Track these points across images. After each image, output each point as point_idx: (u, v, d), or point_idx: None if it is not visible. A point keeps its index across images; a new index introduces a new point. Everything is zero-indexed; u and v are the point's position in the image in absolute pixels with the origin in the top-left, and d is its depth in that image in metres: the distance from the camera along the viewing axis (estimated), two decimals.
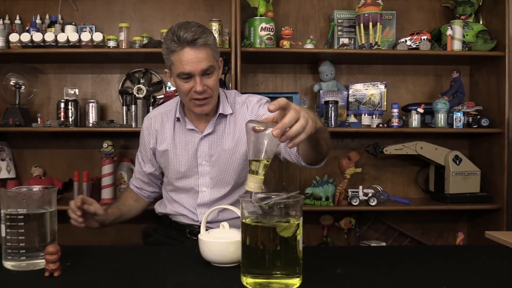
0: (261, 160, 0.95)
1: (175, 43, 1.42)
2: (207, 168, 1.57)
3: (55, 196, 1.07)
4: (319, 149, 1.26)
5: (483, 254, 1.24)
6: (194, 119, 1.59)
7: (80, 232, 2.65)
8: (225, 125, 1.58)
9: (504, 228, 2.40)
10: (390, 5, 2.60)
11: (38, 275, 0.96)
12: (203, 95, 1.46)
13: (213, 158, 1.56)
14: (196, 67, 1.42)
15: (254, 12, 2.45)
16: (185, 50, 1.42)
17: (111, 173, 2.43)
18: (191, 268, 1.05)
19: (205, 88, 1.45)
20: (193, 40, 1.41)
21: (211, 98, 1.49)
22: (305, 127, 0.94)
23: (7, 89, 2.49)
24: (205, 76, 1.45)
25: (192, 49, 1.42)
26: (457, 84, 2.55)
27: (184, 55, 1.42)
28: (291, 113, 0.93)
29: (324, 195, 2.45)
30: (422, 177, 2.75)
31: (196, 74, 1.43)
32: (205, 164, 1.57)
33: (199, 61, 1.42)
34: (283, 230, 0.89)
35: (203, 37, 1.42)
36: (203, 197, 1.58)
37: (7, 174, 2.52)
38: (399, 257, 1.18)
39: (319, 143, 1.22)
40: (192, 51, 1.42)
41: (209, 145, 1.56)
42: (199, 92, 1.44)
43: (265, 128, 0.93)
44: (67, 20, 2.54)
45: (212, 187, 1.58)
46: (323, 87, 2.56)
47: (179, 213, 1.64)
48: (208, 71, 1.45)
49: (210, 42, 1.45)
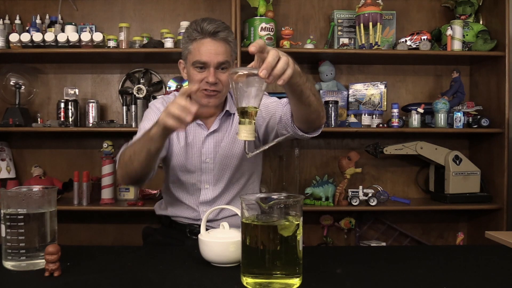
0: (250, 108, 0.96)
1: (197, 32, 1.45)
2: (211, 166, 1.57)
3: (55, 196, 1.07)
4: (306, 99, 1.20)
5: (483, 254, 1.24)
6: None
7: (80, 232, 2.66)
8: (229, 124, 1.58)
9: (504, 228, 2.40)
10: (390, 5, 2.60)
11: (38, 275, 0.96)
12: (213, 87, 1.47)
13: (216, 156, 1.56)
14: (213, 58, 1.44)
15: (254, 12, 2.45)
16: (206, 40, 1.45)
17: (111, 173, 2.43)
18: (191, 268, 1.05)
19: (217, 81, 1.46)
20: (214, 32, 1.44)
21: (220, 93, 1.49)
22: (288, 63, 0.98)
23: (7, 89, 2.49)
24: (219, 69, 1.46)
25: (213, 41, 1.44)
26: (457, 84, 2.55)
27: (204, 44, 1.44)
28: (272, 52, 0.96)
29: (324, 195, 2.45)
30: (422, 177, 2.75)
31: (211, 65, 1.45)
32: (209, 162, 1.57)
33: (217, 53, 1.44)
34: (283, 229, 0.89)
35: (225, 32, 1.46)
36: (206, 194, 1.58)
37: (7, 174, 2.52)
38: (399, 257, 1.18)
39: (303, 92, 1.17)
40: (212, 42, 1.44)
41: (214, 143, 1.56)
42: (211, 83, 1.45)
43: (249, 73, 0.94)
44: (67, 20, 2.54)
45: (214, 184, 1.58)
46: (323, 87, 2.56)
47: (179, 215, 1.63)
48: (223, 65, 1.46)
49: (230, 39, 1.48)
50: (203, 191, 1.58)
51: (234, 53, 1.52)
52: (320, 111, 1.31)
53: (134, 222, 2.61)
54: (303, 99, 1.21)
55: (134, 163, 1.34)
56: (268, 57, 0.95)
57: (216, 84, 1.46)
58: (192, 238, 1.57)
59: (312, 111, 1.27)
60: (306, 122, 1.35)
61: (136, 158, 1.32)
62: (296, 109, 1.29)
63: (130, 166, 1.36)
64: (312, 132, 1.39)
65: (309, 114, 1.31)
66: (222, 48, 1.45)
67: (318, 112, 1.30)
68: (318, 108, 1.28)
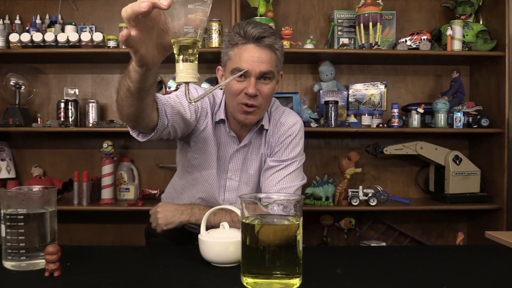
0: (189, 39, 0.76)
1: (240, 36, 1.31)
2: (235, 184, 1.47)
3: (55, 196, 1.07)
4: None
5: (483, 254, 1.24)
6: (233, 126, 1.44)
7: (80, 232, 2.66)
8: (261, 140, 1.46)
9: (504, 228, 2.40)
10: (390, 5, 2.60)
11: (38, 275, 0.96)
12: (252, 101, 1.32)
13: (244, 174, 1.47)
14: (255, 67, 1.30)
15: (254, 12, 2.45)
16: (249, 46, 1.30)
17: (111, 173, 2.43)
18: (191, 268, 1.05)
19: (258, 94, 1.32)
20: (260, 37, 1.30)
21: (259, 109, 1.35)
22: None
23: (7, 89, 2.49)
24: (261, 80, 1.33)
25: (256, 47, 1.30)
26: (457, 84, 2.55)
27: (246, 50, 1.30)
28: None
29: (324, 195, 2.45)
30: (422, 177, 2.75)
31: (252, 74, 1.31)
32: (234, 179, 1.47)
33: (260, 62, 1.30)
34: (282, 234, 0.89)
35: (272, 39, 1.32)
36: None
37: (7, 174, 2.52)
38: (399, 257, 1.18)
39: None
40: (256, 49, 1.30)
41: (242, 159, 1.46)
42: (250, 94, 1.30)
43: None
44: (67, 20, 2.54)
45: (236, 203, 1.46)
46: (323, 87, 2.56)
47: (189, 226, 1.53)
48: (266, 75, 1.32)
49: (277, 47, 1.34)
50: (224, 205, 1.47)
51: (280, 63, 1.37)
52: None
53: (134, 222, 2.61)
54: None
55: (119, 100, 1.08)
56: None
57: (256, 97, 1.32)
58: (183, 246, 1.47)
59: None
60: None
61: (120, 96, 1.07)
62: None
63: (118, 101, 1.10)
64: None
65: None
66: (267, 56, 1.31)
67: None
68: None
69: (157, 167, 2.67)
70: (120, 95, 1.06)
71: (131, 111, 1.08)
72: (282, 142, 1.45)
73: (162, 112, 1.20)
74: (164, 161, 2.66)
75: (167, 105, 1.23)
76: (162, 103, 1.21)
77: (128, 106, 1.06)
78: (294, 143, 1.47)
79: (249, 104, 1.33)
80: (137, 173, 2.60)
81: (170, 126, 1.25)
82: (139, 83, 0.96)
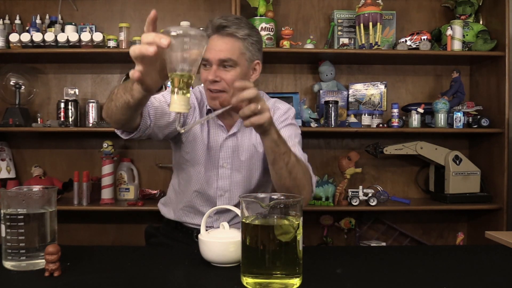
0: (184, 75, 0.86)
1: (208, 29, 1.39)
2: (228, 172, 1.50)
3: (55, 196, 1.07)
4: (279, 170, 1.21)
5: (483, 254, 1.24)
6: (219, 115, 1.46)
7: (80, 232, 2.66)
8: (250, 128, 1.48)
9: (504, 228, 2.40)
10: (390, 5, 2.60)
11: (38, 275, 0.96)
12: (215, 87, 1.38)
13: (235, 161, 1.49)
14: (214, 55, 1.36)
15: (254, 12, 2.45)
16: (213, 37, 1.38)
17: (111, 173, 2.43)
18: (191, 268, 1.05)
19: (219, 80, 1.37)
20: (220, 27, 1.36)
21: (225, 93, 1.39)
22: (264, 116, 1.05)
23: (7, 89, 2.49)
24: (222, 68, 1.38)
25: (218, 36, 1.37)
26: (457, 84, 2.55)
27: (211, 41, 1.37)
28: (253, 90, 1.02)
29: (324, 195, 2.45)
30: (422, 177, 2.75)
31: (213, 62, 1.37)
32: (226, 167, 1.49)
33: (220, 50, 1.36)
34: (281, 234, 0.89)
35: (233, 28, 1.37)
36: (222, 203, 1.49)
37: (7, 174, 2.52)
38: (399, 257, 1.18)
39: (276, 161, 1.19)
40: (217, 38, 1.37)
41: (232, 147, 1.49)
42: (210, 80, 1.37)
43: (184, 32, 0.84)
44: (67, 20, 2.54)
45: (230, 191, 1.50)
46: (323, 87, 2.56)
47: (189, 222, 1.55)
48: (226, 63, 1.37)
49: (240, 35, 1.38)
50: (219, 199, 1.50)
51: (249, 51, 1.41)
52: (294, 191, 1.23)
53: (134, 222, 2.61)
54: (274, 167, 1.21)
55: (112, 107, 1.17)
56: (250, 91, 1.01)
57: (216, 82, 1.37)
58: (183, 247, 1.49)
59: (281, 184, 1.24)
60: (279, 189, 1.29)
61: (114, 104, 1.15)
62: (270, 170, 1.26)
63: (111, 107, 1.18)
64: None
65: (277, 186, 1.27)
66: (227, 44, 1.37)
67: (290, 191, 1.23)
68: (292, 188, 1.23)
69: (157, 167, 2.67)
70: (115, 105, 1.14)
71: (123, 118, 1.18)
72: (281, 124, 1.48)
73: (146, 114, 1.29)
74: (164, 161, 2.65)
75: (151, 107, 1.32)
76: (146, 105, 1.28)
77: (120, 115, 1.16)
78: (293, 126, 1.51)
79: (212, 89, 1.39)
80: (137, 173, 2.60)
81: (153, 126, 1.33)
82: (140, 101, 1.07)
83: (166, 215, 1.64)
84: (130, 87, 1.06)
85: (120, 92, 1.11)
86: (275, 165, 1.20)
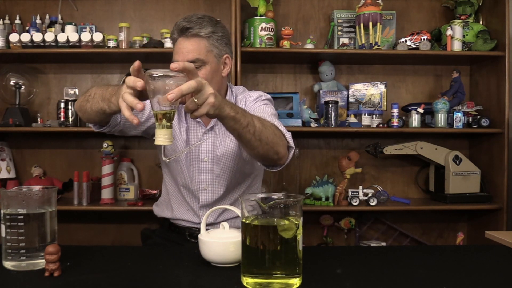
0: (166, 111, 0.94)
1: (174, 32, 1.43)
2: (209, 166, 1.52)
3: (55, 196, 1.07)
4: (248, 143, 1.18)
5: (483, 254, 1.24)
6: None
7: (80, 232, 2.66)
8: None
9: (504, 228, 2.40)
10: (390, 5, 2.60)
11: (38, 275, 0.96)
12: None
13: (216, 155, 1.52)
14: (182, 58, 1.39)
15: (254, 12, 2.45)
16: (179, 40, 1.42)
17: (111, 173, 2.43)
18: (191, 268, 1.05)
19: None
20: (183, 29, 1.40)
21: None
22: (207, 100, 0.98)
23: (7, 89, 2.49)
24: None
25: (184, 39, 1.41)
26: (457, 84, 2.55)
27: (177, 44, 1.42)
28: (191, 82, 0.95)
29: (324, 195, 2.45)
30: (422, 177, 2.75)
31: None
32: (207, 161, 1.52)
33: (187, 52, 1.40)
34: (283, 230, 0.89)
35: (196, 28, 1.40)
36: (205, 196, 1.54)
37: (7, 174, 2.52)
38: (399, 257, 1.18)
39: (242, 136, 1.15)
40: (183, 40, 1.41)
41: (212, 141, 1.52)
42: None
43: (163, 74, 0.92)
44: (67, 20, 2.54)
45: (213, 185, 1.54)
46: (323, 87, 2.56)
47: (179, 218, 1.59)
48: (195, 63, 1.38)
49: (204, 34, 1.41)
50: (202, 192, 1.54)
51: (216, 48, 1.44)
52: (270, 155, 1.24)
53: (134, 222, 2.61)
54: (242, 141, 1.19)
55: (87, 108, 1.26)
56: (184, 85, 0.93)
57: None
58: (191, 241, 1.55)
59: (256, 153, 1.23)
60: (256, 159, 1.30)
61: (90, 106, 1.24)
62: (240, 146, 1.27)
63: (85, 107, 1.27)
64: (268, 166, 1.34)
65: (254, 157, 1.28)
66: (193, 45, 1.40)
67: (266, 156, 1.24)
68: (267, 152, 1.22)
69: (157, 167, 2.66)
70: (91, 107, 1.23)
71: (96, 119, 1.28)
72: (253, 105, 1.50)
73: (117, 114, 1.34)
74: None
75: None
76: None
77: (94, 117, 1.26)
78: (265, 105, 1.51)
79: None
80: (137, 173, 2.60)
81: (123, 124, 1.41)
82: (116, 112, 1.17)
83: (159, 214, 1.68)
84: (108, 98, 1.14)
85: (97, 98, 1.20)
86: (243, 139, 1.17)
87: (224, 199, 1.56)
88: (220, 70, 1.49)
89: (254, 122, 1.17)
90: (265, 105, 1.50)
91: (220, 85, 1.51)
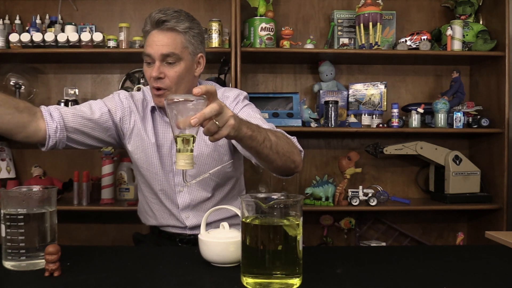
0: (187, 135, 0.93)
1: (147, 24, 1.37)
2: None
3: (55, 196, 1.07)
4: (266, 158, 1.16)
5: (483, 254, 1.24)
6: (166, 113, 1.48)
7: (80, 232, 2.66)
8: None
9: (504, 228, 2.40)
10: (390, 5, 2.60)
11: (38, 275, 0.96)
12: (158, 84, 1.35)
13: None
14: (156, 50, 1.33)
15: (254, 12, 2.45)
16: (152, 32, 1.35)
17: (111, 173, 2.43)
18: (191, 268, 1.05)
19: (162, 77, 1.34)
20: (159, 21, 1.33)
21: (169, 91, 1.36)
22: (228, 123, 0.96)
23: (7, 89, 2.49)
24: (166, 64, 1.35)
25: (158, 31, 1.34)
26: (457, 84, 2.55)
27: (150, 36, 1.36)
28: (213, 105, 0.92)
29: (324, 195, 2.45)
30: (422, 177, 2.75)
31: (156, 58, 1.34)
32: None
33: (162, 45, 1.33)
34: (287, 227, 0.89)
35: (173, 22, 1.34)
36: (183, 199, 1.49)
37: (7, 174, 2.52)
38: (399, 257, 1.18)
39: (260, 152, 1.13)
40: (158, 33, 1.34)
41: None
42: (153, 77, 1.33)
43: (185, 99, 0.91)
44: (67, 20, 2.54)
45: (188, 186, 1.48)
46: (323, 87, 2.56)
47: (164, 224, 1.55)
48: (169, 58, 1.34)
49: (181, 29, 1.35)
50: (179, 195, 1.48)
51: (192, 45, 1.38)
52: (288, 165, 1.22)
53: (134, 222, 2.60)
54: (261, 157, 1.16)
55: None
56: (206, 108, 0.91)
57: (160, 79, 1.34)
58: (183, 247, 1.51)
59: (275, 167, 1.21)
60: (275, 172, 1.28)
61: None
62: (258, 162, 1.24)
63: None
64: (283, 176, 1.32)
65: (271, 169, 1.25)
66: (169, 39, 1.33)
67: (285, 167, 1.22)
68: (285, 163, 1.21)
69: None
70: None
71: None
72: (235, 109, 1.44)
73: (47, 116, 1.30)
74: None
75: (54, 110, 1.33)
76: (46, 109, 1.31)
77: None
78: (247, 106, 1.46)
79: (156, 87, 1.36)
80: None
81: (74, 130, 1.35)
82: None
83: (146, 222, 1.64)
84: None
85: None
86: (261, 155, 1.15)
87: (205, 202, 1.50)
88: (193, 69, 1.43)
89: (269, 136, 1.14)
90: (250, 109, 1.44)
91: (191, 86, 1.40)
